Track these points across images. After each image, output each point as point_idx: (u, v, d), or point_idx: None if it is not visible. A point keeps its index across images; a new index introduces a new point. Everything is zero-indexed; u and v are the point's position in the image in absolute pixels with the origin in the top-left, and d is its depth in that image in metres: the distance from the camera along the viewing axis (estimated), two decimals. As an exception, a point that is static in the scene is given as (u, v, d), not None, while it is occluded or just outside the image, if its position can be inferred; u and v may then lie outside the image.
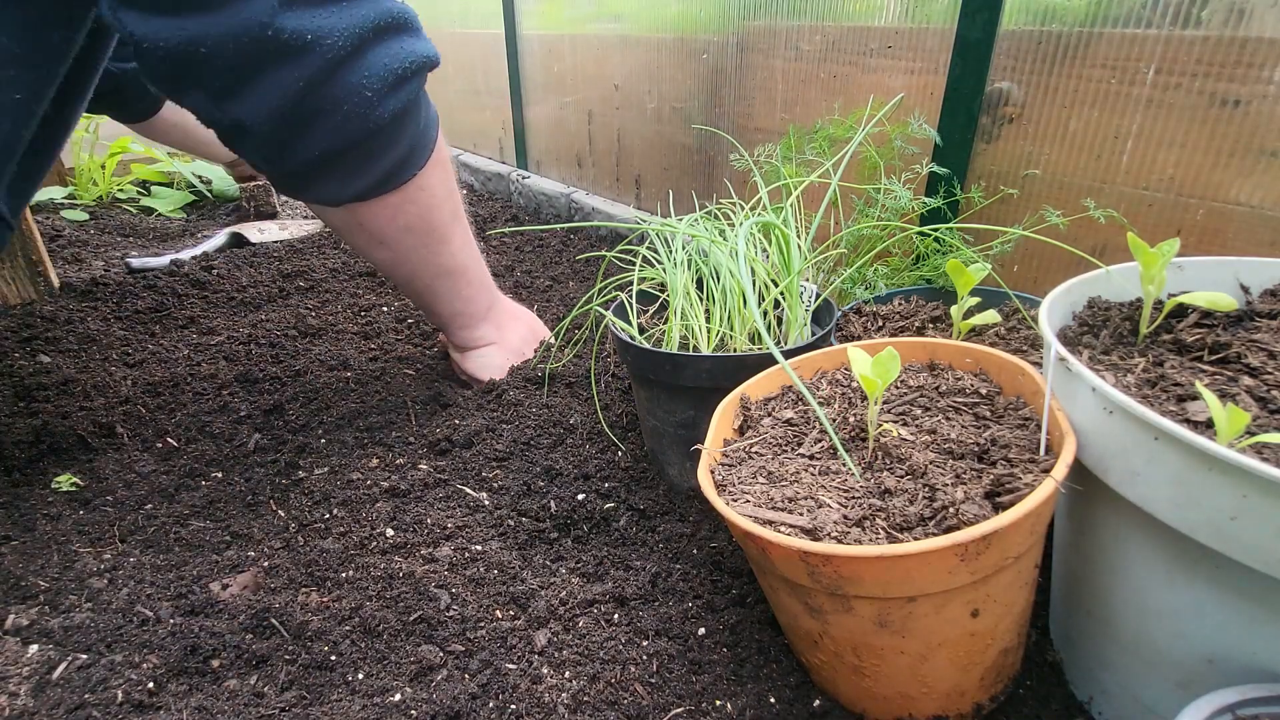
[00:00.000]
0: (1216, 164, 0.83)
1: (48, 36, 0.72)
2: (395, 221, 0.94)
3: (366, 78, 0.78)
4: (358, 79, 0.77)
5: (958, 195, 1.05)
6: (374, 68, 0.78)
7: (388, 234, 0.95)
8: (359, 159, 0.85)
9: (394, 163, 0.87)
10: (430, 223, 0.97)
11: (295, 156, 0.82)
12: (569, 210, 2.01)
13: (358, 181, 0.87)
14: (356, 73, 0.77)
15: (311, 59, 0.74)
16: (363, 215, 0.92)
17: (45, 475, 0.96)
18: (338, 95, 0.77)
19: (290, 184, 0.88)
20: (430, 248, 1.00)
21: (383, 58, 0.79)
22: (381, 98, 0.80)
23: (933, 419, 0.65)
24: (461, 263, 1.05)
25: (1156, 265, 0.61)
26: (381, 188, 0.89)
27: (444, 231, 1.00)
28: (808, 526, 0.55)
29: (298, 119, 0.77)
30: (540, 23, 2.02)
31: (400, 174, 0.89)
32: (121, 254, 1.76)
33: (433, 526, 0.85)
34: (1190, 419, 0.52)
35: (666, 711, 0.64)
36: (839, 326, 0.91)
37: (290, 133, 0.79)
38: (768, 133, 1.40)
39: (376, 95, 0.79)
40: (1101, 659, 0.61)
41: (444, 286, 1.06)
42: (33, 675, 0.66)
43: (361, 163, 0.85)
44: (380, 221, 0.93)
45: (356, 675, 0.67)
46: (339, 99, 0.77)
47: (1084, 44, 0.91)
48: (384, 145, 0.85)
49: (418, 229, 0.96)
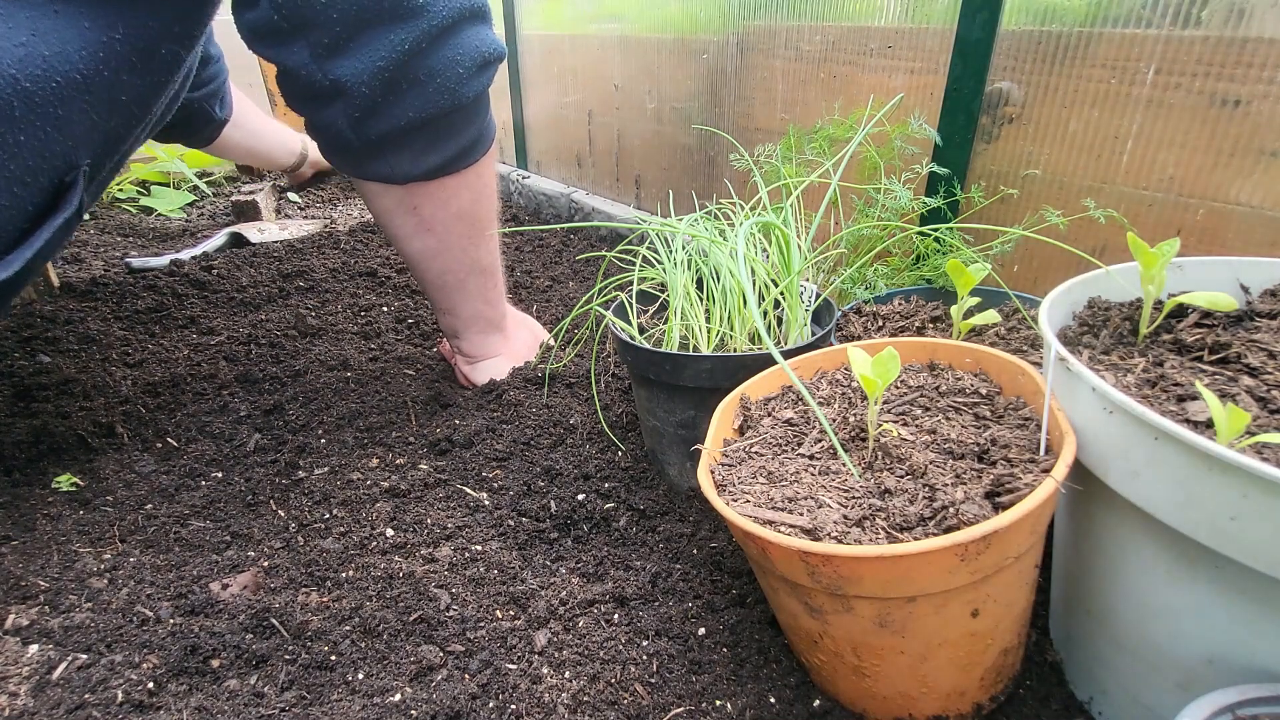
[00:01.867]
0: (1216, 164, 0.83)
1: (159, 50, 0.75)
2: (448, 207, 0.97)
3: (460, 54, 0.83)
4: (453, 53, 0.82)
5: (958, 195, 1.05)
6: (466, 47, 0.83)
7: (438, 219, 0.98)
8: (439, 133, 0.89)
9: (466, 143, 0.92)
10: (477, 214, 1.01)
11: (383, 122, 0.84)
12: (569, 210, 2.01)
13: (431, 157, 0.90)
14: (453, 47, 0.82)
15: (420, 23, 0.78)
16: (420, 197, 0.95)
17: (45, 475, 0.96)
18: (434, 65, 0.81)
19: (365, 155, 0.89)
20: (473, 239, 1.02)
21: (473, 39, 0.84)
22: (471, 75, 0.85)
23: (933, 419, 0.65)
24: (493, 263, 1.08)
25: (1156, 265, 0.61)
26: (449, 167, 0.92)
27: (486, 223, 1.03)
28: (808, 526, 0.55)
29: (396, 82, 0.81)
30: (540, 23, 2.02)
31: (468, 156, 0.93)
32: (121, 254, 1.76)
33: (433, 526, 0.85)
34: (1190, 419, 0.52)
35: (666, 711, 0.64)
36: (839, 326, 0.91)
37: (385, 96, 0.82)
38: (768, 133, 1.40)
39: (467, 73, 0.84)
40: (1101, 659, 0.61)
41: (475, 284, 1.07)
42: (33, 675, 0.66)
43: (439, 137, 0.89)
44: (434, 204, 0.96)
45: (356, 675, 0.67)
46: (435, 69, 0.82)
47: (1084, 44, 0.91)
48: (463, 123, 0.89)
49: (467, 217, 0.99)
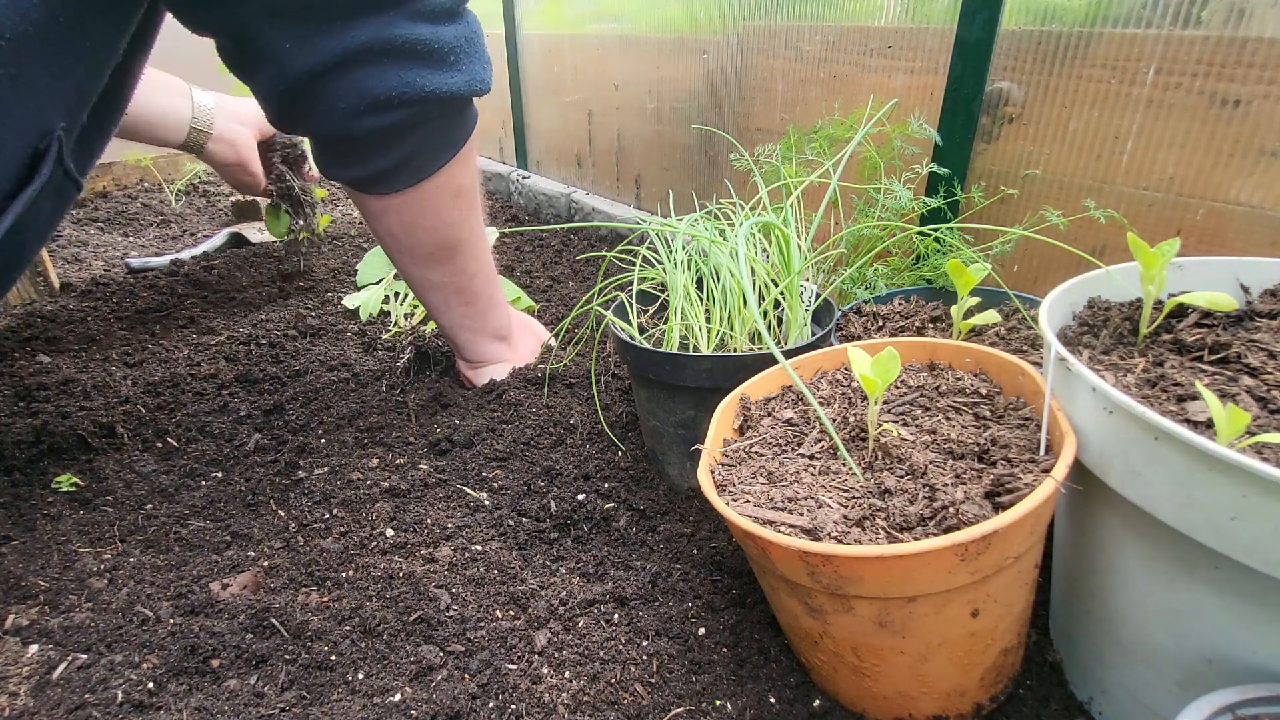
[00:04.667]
0: (1216, 164, 0.83)
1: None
2: (379, 222, 0.97)
3: (342, 91, 0.80)
4: (335, 89, 0.80)
5: (958, 195, 1.05)
6: (349, 87, 0.80)
7: (377, 230, 0.99)
8: (341, 152, 0.89)
9: (375, 170, 0.89)
10: (413, 242, 0.98)
11: (297, 126, 0.86)
12: (569, 210, 2.01)
13: (341, 171, 0.90)
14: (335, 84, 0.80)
15: (282, 69, 0.77)
16: (359, 200, 0.95)
17: (45, 475, 0.96)
18: (313, 99, 0.80)
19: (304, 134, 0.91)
20: (414, 260, 1.00)
21: (364, 81, 0.80)
22: (357, 114, 0.82)
23: (933, 419, 0.65)
24: (464, 285, 1.05)
25: (1156, 265, 0.61)
26: (365, 186, 0.92)
27: (430, 250, 1.00)
28: (808, 526, 0.55)
29: (294, 101, 0.81)
30: (540, 23, 2.02)
31: (381, 183, 0.91)
32: (121, 254, 1.76)
33: (433, 526, 0.85)
34: (1190, 419, 0.52)
35: (666, 711, 0.64)
36: (839, 326, 0.91)
37: (290, 110, 0.83)
38: (768, 133, 1.40)
39: (350, 109, 0.82)
40: (1101, 659, 0.61)
41: (439, 300, 1.06)
42: (33, 675, 0.66)
43: (344, 156, 0.89)
44: (369, 215, 0.97)
45: (356, 675, 0.67)
46: (315, 100, 0.81)
47: (1084, 44, 0.91)
48: (367, 150, 0.88)
49: (400, 239, 0.98)
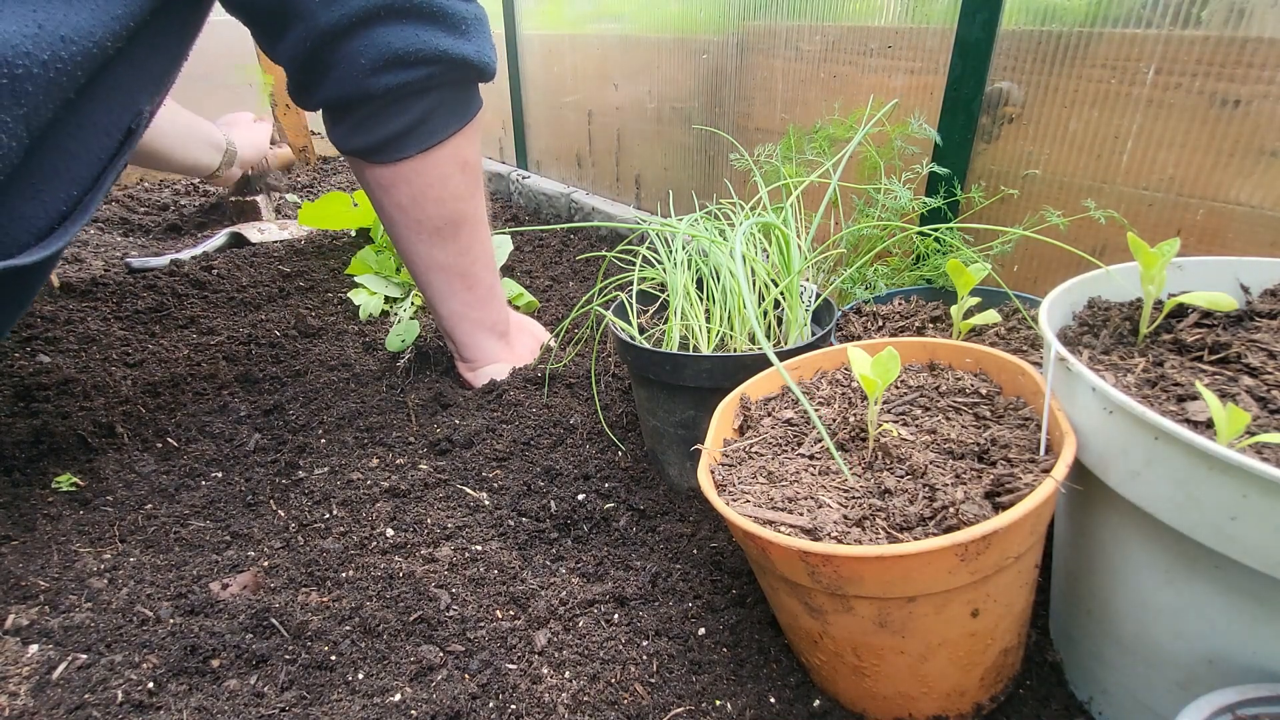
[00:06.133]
0: (1216, 164, 0.83)
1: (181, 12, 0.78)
2: (390, 195, 0.98)
3: (363, 49, 0.84)
4: (356, 47, 0.84)
5: (958, 195, 1.05)
6: (370, 44, 0.84)
7: (383, 206, 1.00)
8: (359, 119, 0.91)
9: (389, 134, 0.92)
10: (421, 215, 1.00)
11: (311, 98, 0.90)
12: (569, 210, 2.01)
13: (355, 139, 0.93)
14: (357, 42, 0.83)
15: (312, 23, 0.80)
16: (366, 174, 0.97)
17: (45, 475, 0.96)
18: (333, 58, 0.84)
19: (320, 110, 0.94)
20: (421, 236, 1.01)
21: (384, 38, 0.84)
22: (374, 71, 0.86)
23: (933, 419, 0.65)
24: (467, 267, 1.06)
25: (1156, 265, 0.61)
26: (375, 155, 0.94)
27: (439, 225, 1.01)
28: (808, 526, 0.55)
29: (311, 67, 0.85)
30: (540, 22, 2.02)
31: (393, 149, 0.93)
32: (121, 254, 1.76)
33: (433, 526, 0.85)
34: (1190, 419, 0.52)
35: (666, 711, 0.64)
36: (839, 326, 0.91)
37: (307, 76, 0.86)
38: (768, 133, 1.40)
39: (370, 66, 0.85)
40: (1101, 659, 0.61)
41: (441, 283, 1.06)
42: (33, 675, 0.66)
43: (362, 123, 0.91)
44: (379, 190, 0.98)
45: (356, 675, 0.67)
46: (333, 61, 0.84)
47: (1084, 44, 0.91)
48: (383, 114, 0.91)
49: (409, 212, 0.99)
